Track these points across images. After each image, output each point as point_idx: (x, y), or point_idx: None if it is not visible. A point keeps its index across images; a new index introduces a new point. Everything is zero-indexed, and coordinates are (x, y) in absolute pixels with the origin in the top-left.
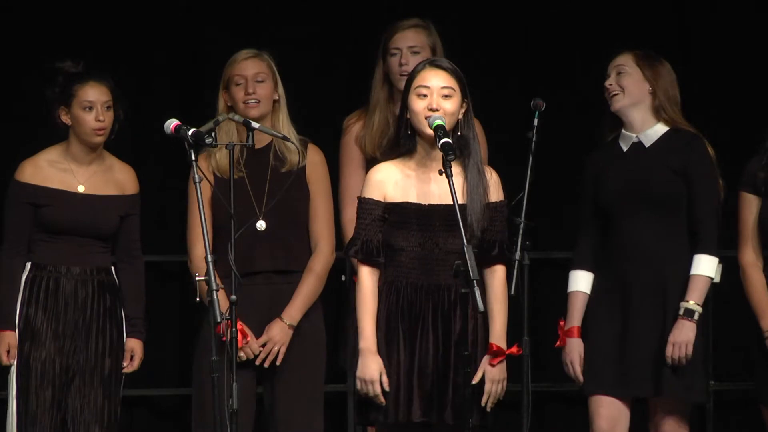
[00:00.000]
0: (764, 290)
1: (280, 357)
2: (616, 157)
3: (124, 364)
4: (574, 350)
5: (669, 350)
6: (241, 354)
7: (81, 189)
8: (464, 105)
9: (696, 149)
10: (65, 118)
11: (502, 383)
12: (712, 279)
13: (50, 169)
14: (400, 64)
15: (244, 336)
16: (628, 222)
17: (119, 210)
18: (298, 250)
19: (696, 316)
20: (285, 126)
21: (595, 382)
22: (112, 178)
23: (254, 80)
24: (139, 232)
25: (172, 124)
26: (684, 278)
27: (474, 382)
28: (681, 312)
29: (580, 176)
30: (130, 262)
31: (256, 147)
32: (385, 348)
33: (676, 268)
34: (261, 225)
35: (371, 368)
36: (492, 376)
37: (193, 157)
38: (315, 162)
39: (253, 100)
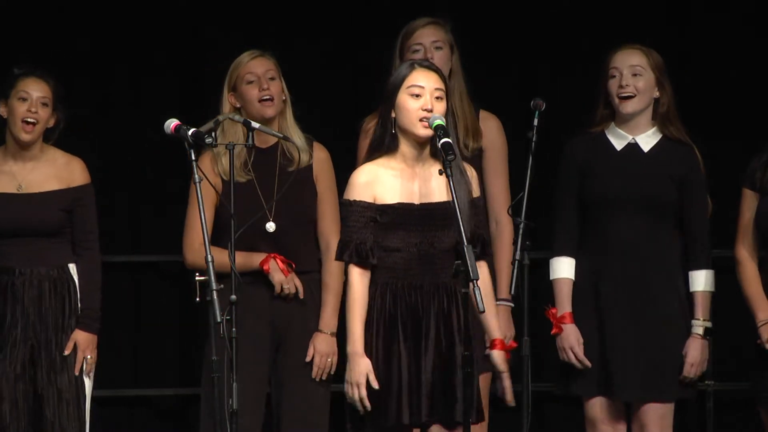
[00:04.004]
0: (759, 284)
1: (333, 367)
2: (607, 154)
3: (66, 352)
4: (572, 336)
5: (687, 370)
6: (288, 287)
7: (19, 188)
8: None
9: (694, 161)
10: (2, 110)
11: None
12: (713, 292)
13: None
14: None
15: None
16: (616, 219)
17: (60, 204)
18: (306, 250)
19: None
20: (291, 124)
21: (592, 383)
22: (54, 173)
23: (266, 77)
24: (94, 224)
25: (172, 124)
26: (666, 279)
27: (509, 400)
28: (701, 332)
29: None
30: (82, 254)
31: (263, 147)
32: (385, 351)
33: (659, 268)
34: (271, 226)
35: (356, 371)
36: (506, 370)
37: (193, 157)
38: (321, 159)
39: (267, 97)
